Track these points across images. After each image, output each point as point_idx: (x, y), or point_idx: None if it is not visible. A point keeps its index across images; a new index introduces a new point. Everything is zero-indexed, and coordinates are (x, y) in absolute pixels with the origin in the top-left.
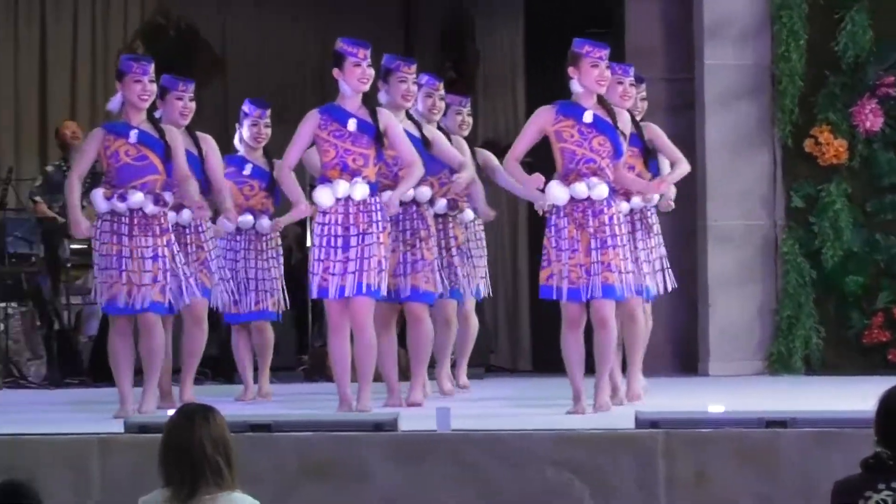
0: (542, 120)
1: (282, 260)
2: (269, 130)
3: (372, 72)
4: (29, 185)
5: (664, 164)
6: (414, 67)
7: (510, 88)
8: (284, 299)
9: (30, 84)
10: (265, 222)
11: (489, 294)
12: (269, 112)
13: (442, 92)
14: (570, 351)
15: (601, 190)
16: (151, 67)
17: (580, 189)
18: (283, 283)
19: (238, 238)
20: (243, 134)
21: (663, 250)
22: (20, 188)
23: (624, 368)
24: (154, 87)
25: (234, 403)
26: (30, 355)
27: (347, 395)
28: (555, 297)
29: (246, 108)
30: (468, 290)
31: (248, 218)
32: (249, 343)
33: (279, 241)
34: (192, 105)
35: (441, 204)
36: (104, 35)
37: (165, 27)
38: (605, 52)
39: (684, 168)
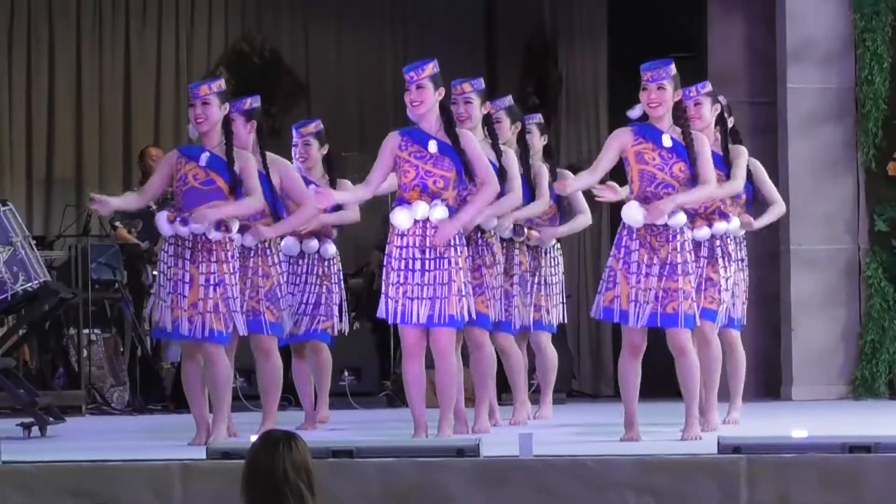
0: (620, 142)
1: (342, 285)
2: (310, 148)
3: (425, 94)
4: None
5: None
6: (462, 87)
7: (593, 113)
8: (342, 322)
9: (114, 110)
10: (330, 247)
11: (565, 321)
12: (309, 129)
13: (500, 115)
14: (626, 375)
15: (679, 218)
16: (202, 89)
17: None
18: (344, 306)
19: (301, 262)
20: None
21: (745, 278)
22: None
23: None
24: (209, 111)
25: (316, 430)
26: (113, 381)
27: (422, 420)
28: (617, 321)
29: (292, 132)
30: (517, 321)
31: (313, 242)
32: (309, 370)
33: (340, 266)
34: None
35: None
36: (188, 61)
37: (249, 54)
38: (653, 73)
39: (779, 210)
